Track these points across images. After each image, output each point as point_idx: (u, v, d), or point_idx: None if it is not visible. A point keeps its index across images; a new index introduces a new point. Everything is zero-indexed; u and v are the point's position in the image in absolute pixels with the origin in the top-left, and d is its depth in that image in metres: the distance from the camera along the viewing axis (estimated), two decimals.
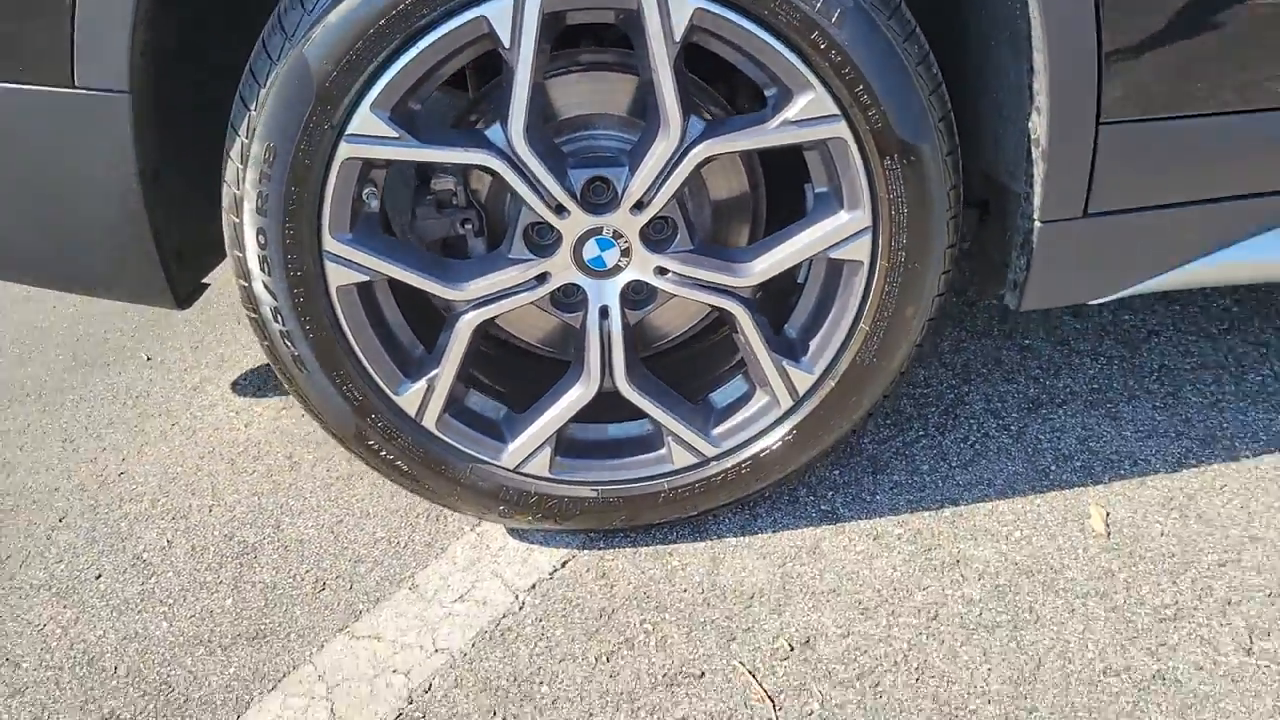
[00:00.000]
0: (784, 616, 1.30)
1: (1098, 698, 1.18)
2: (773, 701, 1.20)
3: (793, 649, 1.26)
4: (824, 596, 1.32)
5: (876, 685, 1.21)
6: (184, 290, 1.28)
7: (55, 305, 2.02)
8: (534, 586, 1.36)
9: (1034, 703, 1.18)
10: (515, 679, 1.24)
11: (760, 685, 1.22)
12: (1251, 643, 1.23)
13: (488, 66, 1.21)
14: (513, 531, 1.44)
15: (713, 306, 1.28)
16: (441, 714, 1.21)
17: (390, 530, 1.46)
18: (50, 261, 1.25)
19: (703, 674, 1.24)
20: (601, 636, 1.29)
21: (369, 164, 1.15)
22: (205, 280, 1.37)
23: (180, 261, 1.26)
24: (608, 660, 1.26)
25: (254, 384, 1.77)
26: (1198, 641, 1.23)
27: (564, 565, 1.39)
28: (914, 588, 1.33)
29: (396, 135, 1.12)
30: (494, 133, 1.16)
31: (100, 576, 1.42)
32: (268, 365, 1.82)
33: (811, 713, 1.18)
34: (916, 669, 1.22)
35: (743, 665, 1.24)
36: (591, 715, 1.20)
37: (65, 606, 1.38)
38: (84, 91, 1.09)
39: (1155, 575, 1.32)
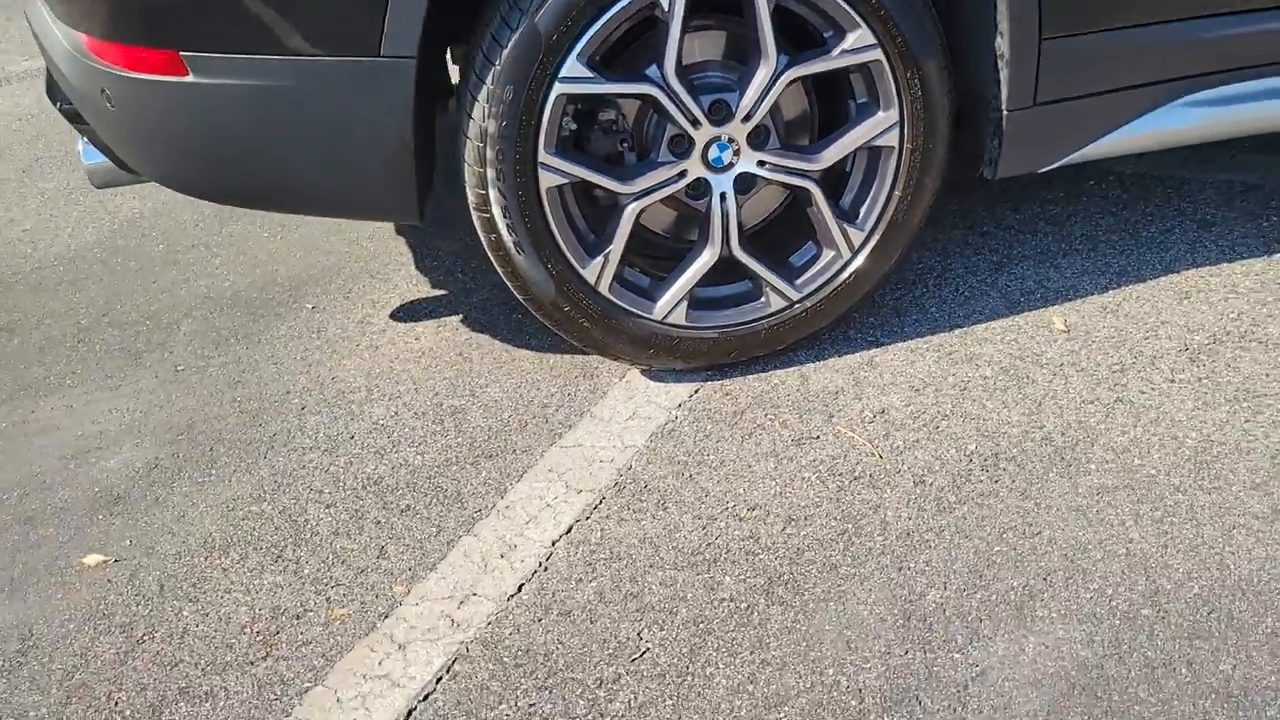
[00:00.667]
0: (863, 400, 1.87)
1: (1081, 416, 1.77)
2: (870, 444, 1.76)
3: (874, 416, 1.83)
4: (886, 386, 1.89)
5: (937, 428, 1.79)
6: (424, 209, 1.80)
7: (211, 280, 2.47)
8: (680, 405, 1.90)
9: (1042, 423, 1.77)
10: (689, 454, 1.78)
11: (859, 437, 1.78)
12: (1174, 375, 1.85)
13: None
14: (650, 375, 1.98)
15: (794, 187, 1.85)
16: (645, 478, 1.74)
17: (560, 387, 1.98)
18: (340, 195, 1.75)
19: (818, 436, 1.79)
20: (740, 425, 1.84)
21: (570, 98, 1.70)
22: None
23: (424, 187, 1.77)
24: (749, 437, 1.81)
25: (409, 314, 2.27)
26: (1140, 380, 1.84)
27: (697, 392, 1.93)
28: (946, 375, 1.91)
29: (591, 76, 1.67)
30: (652, 72, 1.72)
31: (353, 437, 1.91)
32: (414, 301, 2.33)
33: (895, 446, 1.75)
34: (960, 416, 1.80)
35: (844, 428, 1.80)
36: (750, 465, 1.74)
37: (337, 457, 1.86)
38: (386, 59, 1.61)
39: (1104, 349, 1.93)
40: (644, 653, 1.44)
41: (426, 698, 1.40)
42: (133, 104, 1.69)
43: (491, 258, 1.81)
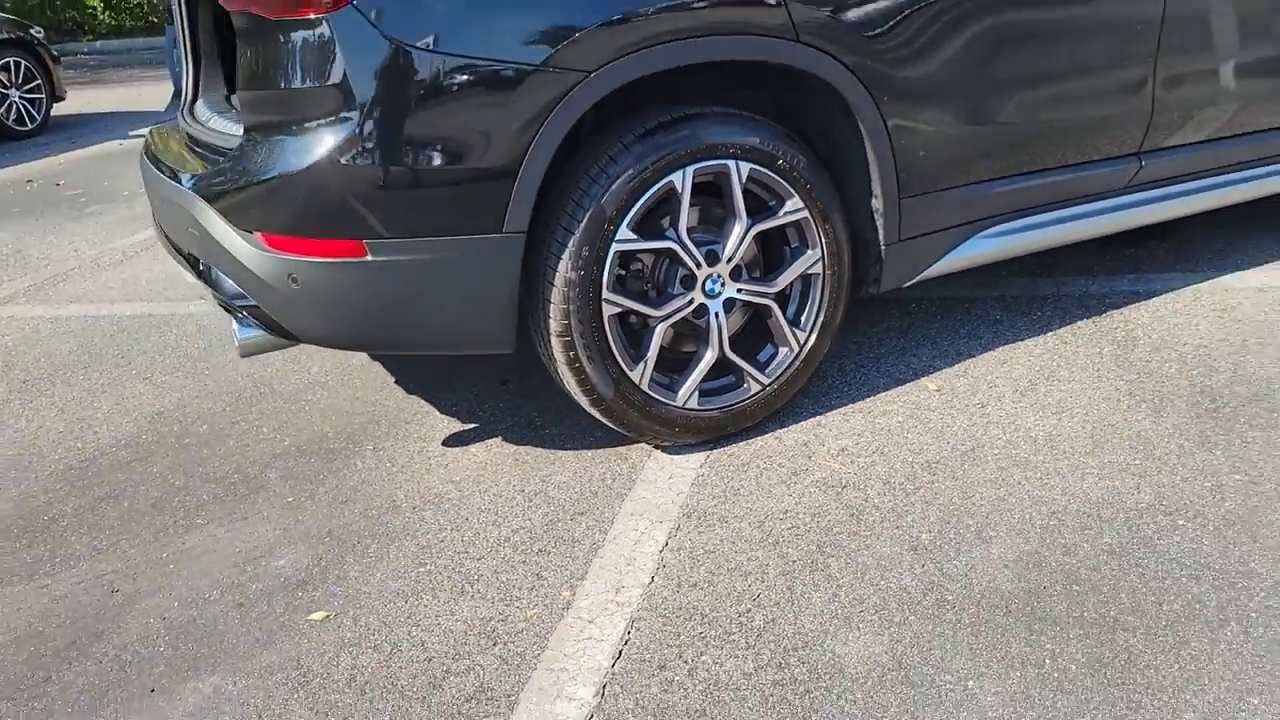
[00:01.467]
0: (826, 445, 2.69)
1: (970, 434, 2.67)
2: (844, 467, 2.58)
3: (839, 453, 2.65)
4: (838, 436, 2.73)
5: (883, 453, 2.63)
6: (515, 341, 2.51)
7: (270, 443, 3.01)
8: (702, 465, 2.66)
9: (948, 440, 2.65)
10: (724, 491, 2.53)
11: (835, 464, 2.60)
12: (1016, 403, 2.79)
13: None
14: (669, 451, 2.72)
15: (759, 305, 2.71)
16: (702, 508, 2.47)
17: (608, 468, 2.69)
18: (465, 335, 2.43)
19: (806, 469, 2.59)
20: (750, 470, 2.61)
21: (620, 254, 2.50)
22: None
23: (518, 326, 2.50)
24: (761, 475, 2.58)
25: (457, 442, 2.91)
26: (996, 409, 2.78)
27: (709, 456, 2.70)
28: (873, 424, 2.77)
29: (635, 238, 2.49)
30: (670, 233, 2.55)
31: (468, 519, 2.53)
32: (455, 434, 2.97)
33: (861, 465, 2.58)
34: (895, 445, 2.66)
35: (823, 461, 2.62)
36: (770, 490, 2.51)
37: (465, 532, 2.47)
38: (505, 235, 2.37)
39: (967, 396, 2.86)
40: (758, 596, 2.15)
41: (627, 642, 2.05)
42: (317, 282, 2.35)
43: (568, 370, 2.54)
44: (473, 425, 3.00)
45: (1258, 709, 1.76)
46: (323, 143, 2.26)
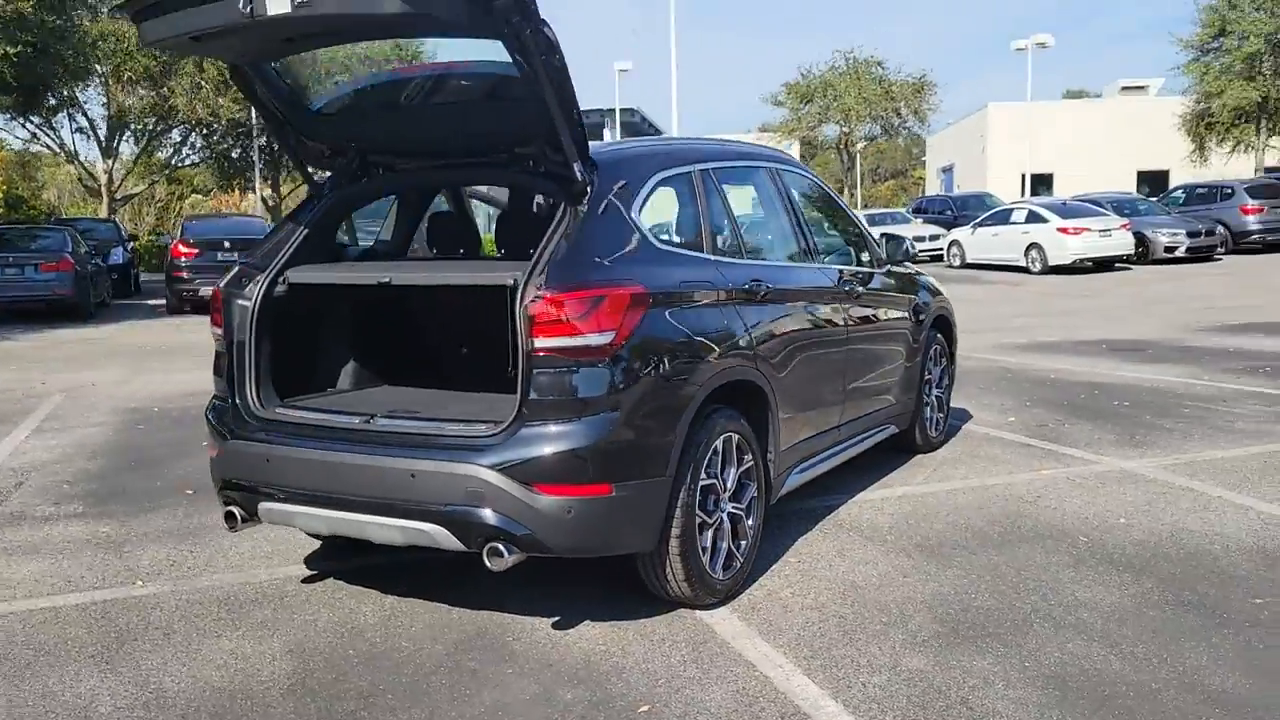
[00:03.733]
0: (780, 593, 4.68)
1: (834, 579, 4.86)
2: (802, 598, 4.61)
3: (792, 595, 4.66)
4: (779, 590, 4.73)
5: (811, 593, 4.70)
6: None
7: (417, 650, 4.10)
8: (733, 610, 4.47)
9: (837, 591, 4.81)
10: (761, 620, 4.39)
11: (797, 600, 4.61)
12: (839, 559, 5.05)
13: None
14: (702, 608, 4.48)
15: (737, 515, 4.68)
16: (761, 629, 4.31)
17: (686, 624, 4.36)
18: (642, 539, 4.08)
19: (788, 603, 4.56)
20: (761, 611, 4.50)
21: (701, 488, 4.36)
22: None
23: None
24: (770, 611, 4.49)
25: (563, 627, 4.34)
26: (841, 569, 5.00)
27: (730, 607, 4.52)
28: (785, 583, 4.82)
29: (706, 477, 4.38)
30: (713, 473, 4.47)
31: (627, 666, 4.07)
32: (557, 621, 4.39)
33: (810, 598, 4.62)
34: (811, 590, 4.74)
35: (788, 599, 4.61)
36: (783, 615, 4.44)
37: (634, 684, 4.03)
38: (666, 476, 4.13)
39: (815, 562, 5.06)
40: (848, 641, 4.07)
41: (821, 674, 3.85)
42: (584, 512, 3.88)
43: (678, 559, 4.24)
44: (556, 618, 4.46)
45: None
46: (602, 427, 3.91)
